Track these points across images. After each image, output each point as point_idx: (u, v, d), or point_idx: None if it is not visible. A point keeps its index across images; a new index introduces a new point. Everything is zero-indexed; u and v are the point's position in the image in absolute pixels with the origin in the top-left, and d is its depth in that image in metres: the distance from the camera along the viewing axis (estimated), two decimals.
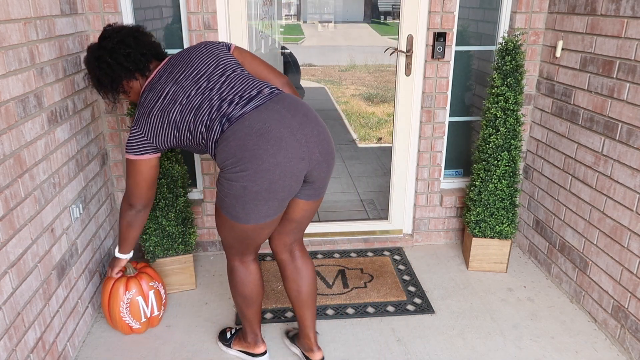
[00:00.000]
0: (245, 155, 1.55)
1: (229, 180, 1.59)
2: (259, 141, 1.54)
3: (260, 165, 1.54)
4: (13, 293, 1.66)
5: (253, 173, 1.55)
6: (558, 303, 2.52)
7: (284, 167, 1.57)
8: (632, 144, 2.08)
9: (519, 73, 2.49)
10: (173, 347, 2.20)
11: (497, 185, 2.61)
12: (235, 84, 1.67)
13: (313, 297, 1.98)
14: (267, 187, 1.58)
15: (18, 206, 1.71)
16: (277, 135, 1.55)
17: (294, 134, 1.58)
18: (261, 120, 1.57)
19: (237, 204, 1.62)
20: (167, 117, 1.66)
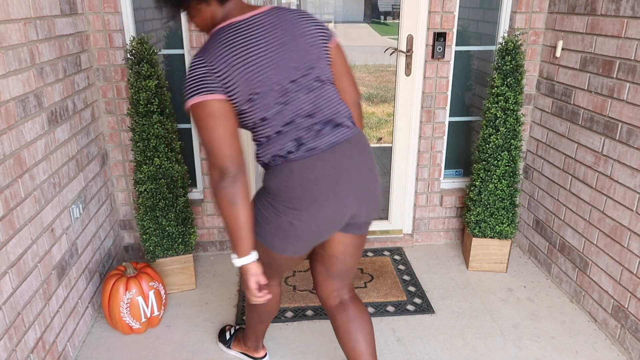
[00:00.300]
0: (305, 197, 1.40)
1: (277, 211, 1.44)
2: (324, 189, 1.41)
3: (317, 211, 1.42)
4: (13, 293, 1.66)
5: (307, 216, 1.42)
6: (558, 303, 2.52)
7: (337, 219, 1.47)
8: (632, 144, 2.08)
9: (519, 73, 2.49)
10: (173, 347, 2.20)
11: (497, 185, 2.61)
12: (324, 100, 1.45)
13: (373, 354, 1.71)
14: (314, 231, 1.46)
15: (18, 206, 1.71)
16: (342, 189, 1.43)
17: (356, 190, 1.46)
18: (333, 165, 1.41)
19: (277, 234, 1.46)
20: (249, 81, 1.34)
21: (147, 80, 2.26)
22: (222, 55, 1.33)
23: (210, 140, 1.34)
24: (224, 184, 1.34)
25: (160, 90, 2.33)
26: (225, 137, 1.34)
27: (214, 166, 1.36)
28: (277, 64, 1.37)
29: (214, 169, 1.36)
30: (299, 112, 1.41)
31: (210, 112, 1.32)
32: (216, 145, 1.33)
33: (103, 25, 2.44)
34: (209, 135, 1.34)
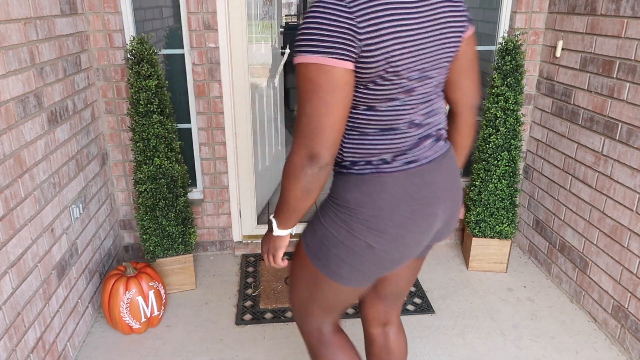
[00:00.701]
0: (394, 219, 1.17)
1: (353, 232, 1.17)
2: (416, 212, 1.19)
3: (404, 237, 1.19)
4: (13, 293, 1.66)
5: (390, 241, 1.18)
6: (558, 303, 2.52)
7: (420, 245, 1.25)
8: (632, 144, 2.08)
9: (519, 73, 2.48)
10: (173, 347, 2.20)
11: (497, 185, 2.61)
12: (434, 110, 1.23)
13: None
14: (396, 259, 1.22)
15: (18, 206, 1.71)
16: (434, 212, 1.22)
17: (444, 212, 1.26)
18: (428, 184, 1.20)
19: (347, 261, 1.20)
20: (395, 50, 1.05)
21: (147, 80, 2.26)
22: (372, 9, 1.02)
23: (315, 114, 1.04)
24: (311, 171, 1.08)
25: (160, 90, 2.33)
26: (335, 115, 1.05)
27: (305, 146, 1.07)
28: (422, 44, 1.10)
29: (302, 149, 1.07)
30: (411, 117, 1.16)
31: (335, 83, 1.02)
32: (322, 122, 1.04)
33: (103, 25, 2.44)
34: (318, 109, 1.04)
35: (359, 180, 1.17)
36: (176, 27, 2.61)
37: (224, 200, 2.86)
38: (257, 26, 3.10)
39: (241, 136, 2.79)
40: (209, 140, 2.74)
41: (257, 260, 2.89)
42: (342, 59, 1.01)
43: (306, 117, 1.05)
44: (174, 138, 2.41)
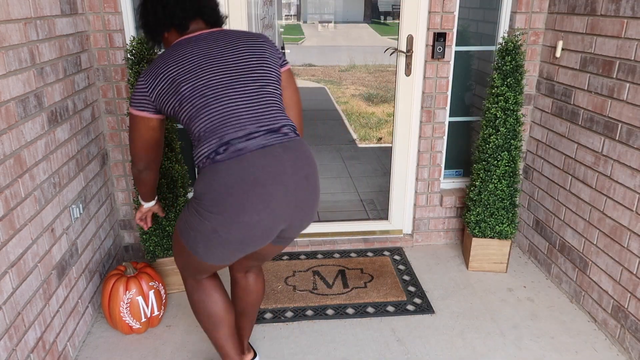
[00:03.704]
0: (229, 200, 1.38)
1: (200, 216, 1.43)
2: (249, 191, 1.38)
3: (240, 216, 1.39)
4: (13, 293, 1.66)
5: (230, 222, 1.40)
6: (558, 303, 2.52)
7: (264, 226, 1.43)
8: (632, 144, 2.09)
9: (519, 73, 2.49)
10: (173, 347, 2.21)
11: (497, 185, 2.61)
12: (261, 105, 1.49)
13: (256, 311, 1.97)
14: (239, 239, 1.43)
15: (18, 206, 1.71)
16: (269, 191, 1.40)
17: (286, 195, 1.43)
18: (260, 167, 1.40)
19: (201, 241, 1.47)
20: (177, 86, 1.46)
21: None
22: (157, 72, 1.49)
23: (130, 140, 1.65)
24: (134, 170, 1.73)
25: None
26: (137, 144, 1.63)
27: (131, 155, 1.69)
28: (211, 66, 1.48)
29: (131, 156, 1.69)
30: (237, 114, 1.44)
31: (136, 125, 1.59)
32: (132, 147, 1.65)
33: (103, 25, 2.44)
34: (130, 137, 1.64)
35: (202, 172, 1.44)
36: None
37: None
38: (257, 26, 3.10)
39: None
40: None
41: None
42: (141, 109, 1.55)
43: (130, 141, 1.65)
44: (174, 138, 2.41)
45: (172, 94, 1.47)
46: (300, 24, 4.55)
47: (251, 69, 1.51)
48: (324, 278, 2.72)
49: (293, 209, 1.46)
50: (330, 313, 2.42)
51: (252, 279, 1.90)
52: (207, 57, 1.49)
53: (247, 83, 1.49)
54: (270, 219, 1.42)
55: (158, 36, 1.65)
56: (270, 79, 1.54)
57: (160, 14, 1.59)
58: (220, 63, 1.49)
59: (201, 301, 1.76)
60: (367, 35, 5.37)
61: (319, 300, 2.51)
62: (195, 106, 1.45)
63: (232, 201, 1.38)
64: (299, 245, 3.01)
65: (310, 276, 2.73)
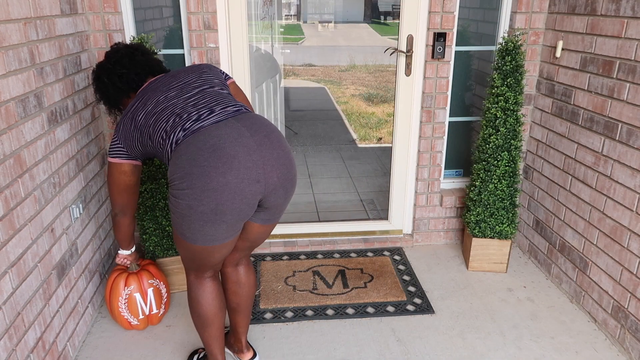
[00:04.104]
0: (194, 172, 1.46)
1: (175, 198, 1.51)
2: (209, 157, 1.45)
3: (207, 183, 1.45)
4: (13, 293, 1.66)
5: (199, 192, 1.46)
6: (558, 303, 2.52)
7: (234, 188, 1.47)
8: (632, 144, 2.09)
9: (519, 73, 2.49)
10: (173, 347, 2.21)
11: (497, 185, 2.61)
12: (207, 97, 1.63)
13: (250, 305, 1.99)
14: (213, 208, 1.48)
15: (18, 206, 1.71)
16: (229, 153, 1.46)
17: (249, 154, 1.48)
18: (216, 135, 1.49)
19: (183, 223, 1.54)
20: (134, 121, 1.64)
21: None
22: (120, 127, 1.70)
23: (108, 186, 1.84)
24: (112, 213, 1.91)
25: None
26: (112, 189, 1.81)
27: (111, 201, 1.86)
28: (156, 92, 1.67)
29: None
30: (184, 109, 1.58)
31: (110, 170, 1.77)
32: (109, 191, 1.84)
33: (103, 25, 2.44)
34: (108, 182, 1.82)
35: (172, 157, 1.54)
36: (176, 27, 2.62)
37: None
38: (257, 26, 3.10)
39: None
40: None
41: (256, 260, 2.89)
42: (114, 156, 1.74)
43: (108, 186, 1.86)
44: None
45: (132, 129, 1.65)
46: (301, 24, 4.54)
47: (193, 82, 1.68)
48: (324, 278, 2.72)
49: (262, 167, 1.51)
50: (330, 313, 2.42)
51: (243, 272, 1.92)
52: (153, 91, 1.67)
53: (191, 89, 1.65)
54: (237, 180, 1.47)
55: (119, 104, 1.86)
56: (214, 83, 1.70)
57: (119, 84, 1.79)
58: (166, 88, 1.67)
59: (197, 298, 1.79)
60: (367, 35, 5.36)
61: (319, 300, 2.51)
62: (150, 124, 1.61)
63: (197, 171, 1.45)
64: (299, 245, 3.01)
65: (310, 276, 2.73)
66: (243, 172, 1.47)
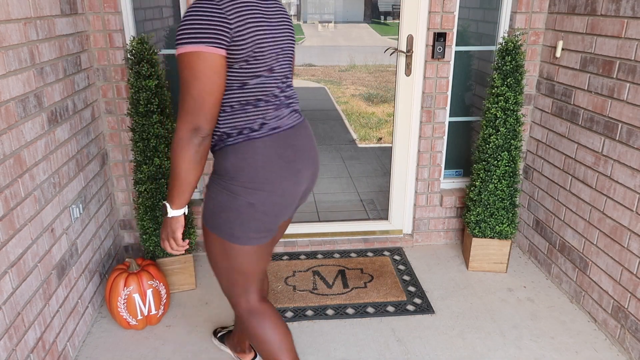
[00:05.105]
0: (267, 176, 1.41)
1: (234, 194, 1.41)
2: (284, 168, 1.44)
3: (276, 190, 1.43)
4: (13, 293, 1.66)
5: (266, 195, 1.42)
6: (558, 303, 2.52)
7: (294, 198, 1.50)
8: (632, 144, 2.08)
9: (519, 73, 2.49)
10: (173, 347, 2.21)
11: (497, 185, 2.61)
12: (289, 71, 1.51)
13: None
14: (276, 213, 1.46)
15: (18, 206, 1.71)
16: (297, 168, 1.47)
17: (308, 168, 1.52)
18: (292, 146, 1.47)
19: (236, 220, 1.42)
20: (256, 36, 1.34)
21: (147, 80, 2.26)
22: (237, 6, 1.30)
23: (200, 94, 1.28)
24: (196, 140, 1.31)
25: (160, 90, 2.33)
26: (214, 94, 1.30)
27: (189, 122, 1.30)
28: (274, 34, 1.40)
29: (187, 124, 1.30)
30: (273, 91, 1.43)
31: (211, 65, 1.27)
32: (205, 101, 1.29)
33: (103, 25, 2.44)
34: (199, 88, 1.28)
35: (235, 149, 1.39)
36: (176, 27, 2.61)
37: None
38: None
39: None
40: None
41: None
42: (218, 46, 1.27)
43: (190, 98, 1.28)
44: None
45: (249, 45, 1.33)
46: (300, 24, 4.55)
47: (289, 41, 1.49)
48: (324, 278, 2.72)
49: (309, 182, 1.55)
50: (330, 313, 2.42)
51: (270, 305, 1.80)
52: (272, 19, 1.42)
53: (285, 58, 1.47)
54: (297, 192, 1.49)
55: None
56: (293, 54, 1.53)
57: None
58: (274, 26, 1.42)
59: (260, 327, 1.60)
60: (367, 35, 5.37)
61: (319, 300, 2.51)
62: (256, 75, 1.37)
63: (270, 177, 1.41)
64: (299, 245, 3.01)
65: (310, 276, 2.73)
66: (302, 184, 1.50)
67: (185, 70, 1.28)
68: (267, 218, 1.44)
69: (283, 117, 1.46)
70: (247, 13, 1.31)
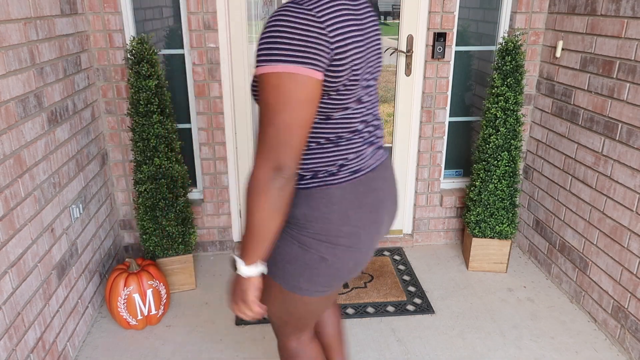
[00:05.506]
0: (344, 229, 1.17)
1: (305, 246, 1.17)
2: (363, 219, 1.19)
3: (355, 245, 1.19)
4: (13, 293, 1.66)
5: (343, 251, 1.18)
6: (558, 303, 2.52)
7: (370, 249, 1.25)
8: (632, 144, 2.08)
9: (519, 73, 2.48)
10: (173, 347, 2.20)
11: (497, 185, 2.61)
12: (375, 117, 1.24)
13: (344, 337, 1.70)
14: (351, 268, 1.22)
15: (18, 206, 1.71)
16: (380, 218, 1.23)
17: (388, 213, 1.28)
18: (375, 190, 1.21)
19: (304, 274, 1.20)
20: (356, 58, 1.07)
21: (147, 80, 2.26)
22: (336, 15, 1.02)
23: (288, 126, 1.01)
24: (278, 183, 1.04)
25: (160, 90, 2.33)
26: (305, 127, 1.03)
27: (270, 159, 1.02)
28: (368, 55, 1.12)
29: (268, 162, 1.03)
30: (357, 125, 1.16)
31: (307, 91, 1.00)
32: (292, 134, 1.02)
33: (103, 25, 2.44)
34: (288, 118, 1.00)
35: (307, 195, 1.16)
36: (176, 27, 2.61)
37: (224, 201, 2.86)
38: (257, 26, 3.10)
39: (241, 136, 2.79)
40: (209, 140, 2.74)
41: None
42: (316, 69, 1.00)
43: (274, 129, 1.01)
44: (174, 138, 2.41)
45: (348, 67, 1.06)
46: None
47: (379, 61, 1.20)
48: None
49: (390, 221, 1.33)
50: None
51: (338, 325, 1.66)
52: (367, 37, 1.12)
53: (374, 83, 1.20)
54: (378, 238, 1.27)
55: None
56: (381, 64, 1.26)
57: None
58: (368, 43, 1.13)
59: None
60: None
61: None
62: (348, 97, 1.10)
63: (348, 230, 1.17)
64: None
65: None
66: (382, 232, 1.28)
67: (271, 94, 1.00)
68: (340, 273, 1.22)
69: (366, 157, 1.20)
70: (347, 28, 1.04)
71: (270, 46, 0.98)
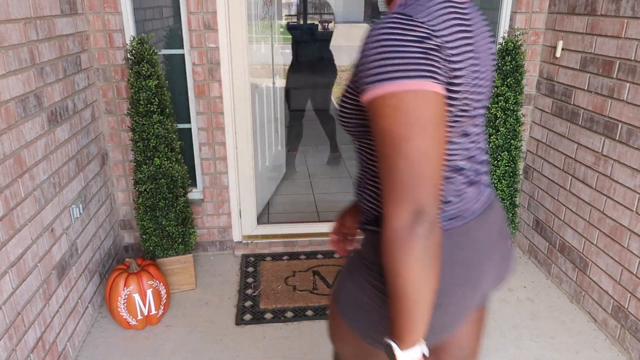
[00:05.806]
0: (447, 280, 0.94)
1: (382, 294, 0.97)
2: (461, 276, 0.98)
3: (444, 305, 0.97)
4: (13, 293, 1.66)
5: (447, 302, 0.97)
6: (558, 303, 2.52)
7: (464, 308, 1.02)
8: (632, 144, 2.08)
9: (519, 73, 2.49)
10: (173, 347, 2.21)
11: (497, 185, 2.61)
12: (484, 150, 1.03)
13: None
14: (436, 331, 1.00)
15: (18, 206, 1.71)
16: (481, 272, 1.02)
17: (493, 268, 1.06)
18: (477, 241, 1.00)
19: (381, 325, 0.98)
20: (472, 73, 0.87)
21: (147, 80, 2.26)
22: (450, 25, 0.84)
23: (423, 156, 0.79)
24: (422, 231, 0.79)
25: (160, 90, 2.33)
26: (442, 155, 0.81)
27: (409, 201, 0.79)
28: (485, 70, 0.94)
29: (406, 206, 0.79)
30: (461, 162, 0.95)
31: (437, 109, 0.80)
32: (429, 164, 0.79)
33: (103, 25, 2.44)
34: (423, 145, 0.78)
35: None
36: (176, 27, 2.61)
37: (224, 200, 2.86)
38: (257, 26, 3.10)
39: (241, 136, 2.79)
40: (209, 140, 2.74)
41: (257, 260, 2.89)
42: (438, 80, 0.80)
43: (407, 162, 0.78)
44: (174, 138, 2.41)
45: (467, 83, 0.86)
46: None
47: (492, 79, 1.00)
48: (324, 278, 2.72)
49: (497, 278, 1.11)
50: None
51: None
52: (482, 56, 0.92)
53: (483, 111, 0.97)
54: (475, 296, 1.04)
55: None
56: None
57: None
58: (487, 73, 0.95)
59: None
60: None
61: (319, 300, 2.51)
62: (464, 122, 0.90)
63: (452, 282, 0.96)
64: (299, 245, 3.01)
65: (310, 276, 2.73)
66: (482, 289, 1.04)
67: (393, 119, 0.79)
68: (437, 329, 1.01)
69: (469, 201, 0.98)
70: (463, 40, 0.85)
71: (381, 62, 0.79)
